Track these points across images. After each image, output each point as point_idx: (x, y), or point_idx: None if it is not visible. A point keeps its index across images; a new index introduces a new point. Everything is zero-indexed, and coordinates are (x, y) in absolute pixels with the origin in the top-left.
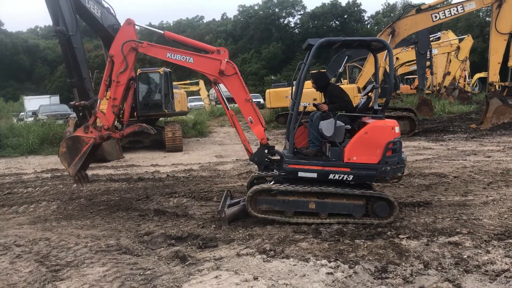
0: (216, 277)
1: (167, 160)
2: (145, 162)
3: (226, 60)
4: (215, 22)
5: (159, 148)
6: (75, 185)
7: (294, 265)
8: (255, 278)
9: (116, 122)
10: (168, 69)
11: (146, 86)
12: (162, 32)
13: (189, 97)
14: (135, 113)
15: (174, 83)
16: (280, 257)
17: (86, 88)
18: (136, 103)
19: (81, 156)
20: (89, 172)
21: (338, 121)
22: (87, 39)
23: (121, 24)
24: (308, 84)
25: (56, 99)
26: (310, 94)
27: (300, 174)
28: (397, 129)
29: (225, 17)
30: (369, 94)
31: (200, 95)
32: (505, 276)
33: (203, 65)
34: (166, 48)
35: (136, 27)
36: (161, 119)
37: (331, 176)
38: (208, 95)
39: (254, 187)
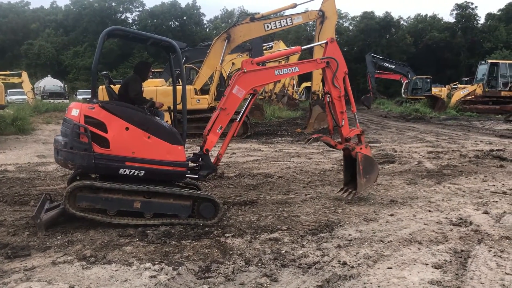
0: None
1: None
2: None
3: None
4: (44, 10)
5: None
6: None
7: (116, 270)
8: (71, 287)
9: None
10: None
11: None
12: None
13: (9, 90)
14: None
15: None
16: (102, 263)
17: None
18: None
19: None
20: None
21: None
22: None
23: None
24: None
25: None
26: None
27: None
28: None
29: (55, 5)
30: None
31: (22, 88)
32: (315, 268)
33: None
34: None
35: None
36: None
37: None
38: (33, 88)
39: (75, 183)
